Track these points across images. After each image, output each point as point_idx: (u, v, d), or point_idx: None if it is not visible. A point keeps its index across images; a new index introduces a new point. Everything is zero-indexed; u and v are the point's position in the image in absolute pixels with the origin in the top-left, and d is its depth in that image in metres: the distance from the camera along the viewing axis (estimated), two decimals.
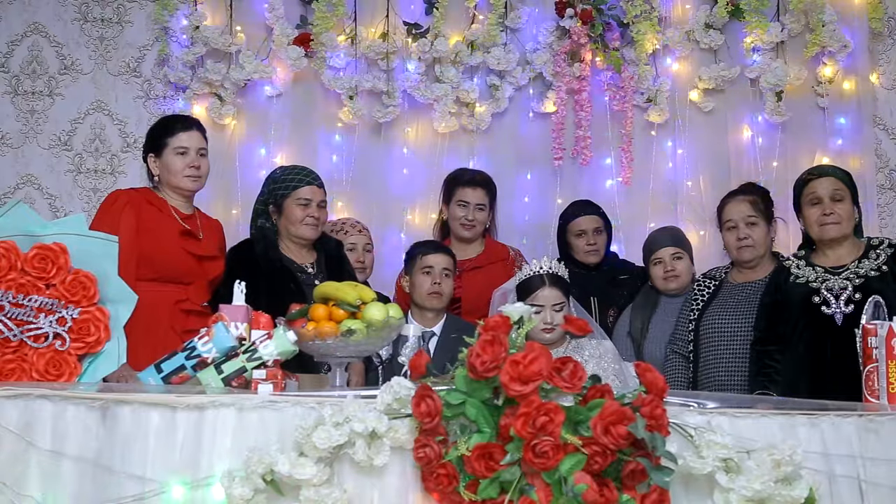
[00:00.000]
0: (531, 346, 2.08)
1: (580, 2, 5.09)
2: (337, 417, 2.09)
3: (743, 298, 3.87)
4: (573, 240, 4.39)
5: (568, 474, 1.98)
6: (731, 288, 3.94)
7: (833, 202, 3.57)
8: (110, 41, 5.22)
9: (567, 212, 4.50)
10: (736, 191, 4.09)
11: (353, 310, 2.80)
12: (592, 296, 4.25)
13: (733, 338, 3.82)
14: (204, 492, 2.11)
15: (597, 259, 4.39)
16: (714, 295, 3.95)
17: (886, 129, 5.27)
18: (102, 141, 5.19)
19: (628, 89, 5.10)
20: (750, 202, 3.95)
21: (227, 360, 2.59)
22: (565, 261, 4.24)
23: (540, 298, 3.55)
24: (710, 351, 3.86)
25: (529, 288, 3.60)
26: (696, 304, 3.96)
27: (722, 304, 3.91)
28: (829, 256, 3.58)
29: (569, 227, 4.41)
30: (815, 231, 3.60)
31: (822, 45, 5.07)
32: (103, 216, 3.49)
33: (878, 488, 2.22)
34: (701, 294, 3.98)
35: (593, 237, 4.38)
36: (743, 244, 3.90)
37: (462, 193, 4.44)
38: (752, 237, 3.89)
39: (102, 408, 2.19)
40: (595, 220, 4.41)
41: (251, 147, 5.16)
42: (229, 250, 3.84)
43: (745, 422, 2.23)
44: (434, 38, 5.08)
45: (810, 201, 3.61)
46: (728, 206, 3.97)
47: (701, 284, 4.02)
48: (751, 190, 4.08)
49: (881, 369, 2.64)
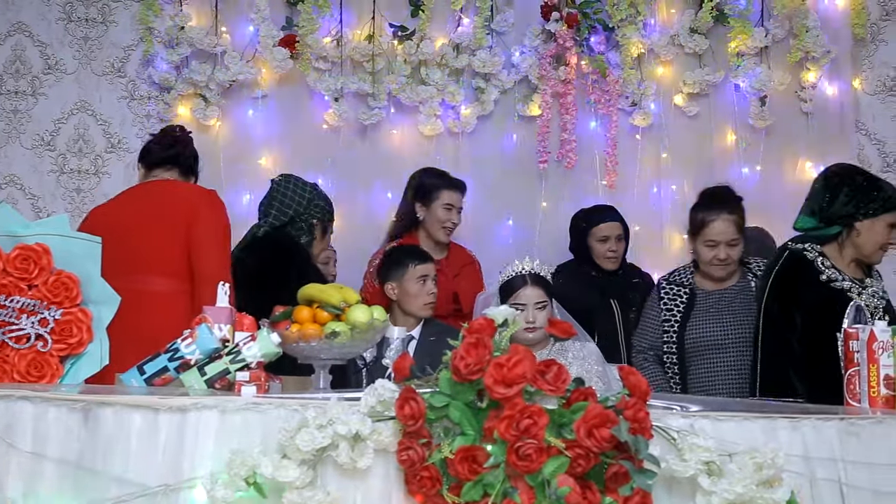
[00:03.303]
0: (515, 349, 2.08)
1: (566, 6, 5.11)
2: (320, 420, 2.08)
3: (723, 307, 3.89)
4: (595, 244, 4.41)
5: (551, 477, 1.99)
6: (705, 297, 3.93)
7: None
8: (94, 41, 5.21)
9: (591, 216, 4.50)
10: (721, 205, 3.90)
11: (338, 312, 2.79)
12: (613, 298, 4.31)
13: (724, 349, 3.84)
14: (186, 494, 2.11)
15: (615, 265, 4.43)
16: (690, 305, 3.92)
17: (869, 134, 5.31)
18: (86, 141, 5.18)
19: (613, 93, 5.12)
20: (735, 223, 3.86)
21: (210, 361, 2.57)
22: (582, 263, 4.28)
23: (522, 297, 3.57)
24: (703, 364, 3.86)
25: (512, 287, 3.61)
26: (671, 313, 3.94)
27: (703, 315, 3.89)
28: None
29: (592, 231, 4.42)
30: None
31: (806, 50, 5.11)
32: None
33: (858, 491, 2.23)
34: (674, 303, 3.94)
35: (615, 244, 4.41)
36: (722, 264, 3.88)
37: (448, 196, 4.45)
38: (731, 258, 3.87)
39: (84, 409, 2.18)
40: (618, 227, 4.44)
41: (236, 148, 5.14)
42: None
43: (727, 425, 2.23)
44: (420, 41, 5.09)
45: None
46: (713, 224, 3.84)
47: (669, 292, 3.97)
48: (735, 206, 3.93)
49: (862, 373, 2.65)
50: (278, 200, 4.13)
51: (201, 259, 3.53)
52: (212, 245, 3.58)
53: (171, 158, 3.77)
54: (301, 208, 4.10)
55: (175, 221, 3.58)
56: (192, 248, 3.54)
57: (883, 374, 2.61)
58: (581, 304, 4.24)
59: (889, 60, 5.35)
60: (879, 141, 5.30)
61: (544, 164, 5.10)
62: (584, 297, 4.30)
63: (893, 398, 2.60)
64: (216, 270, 3.40)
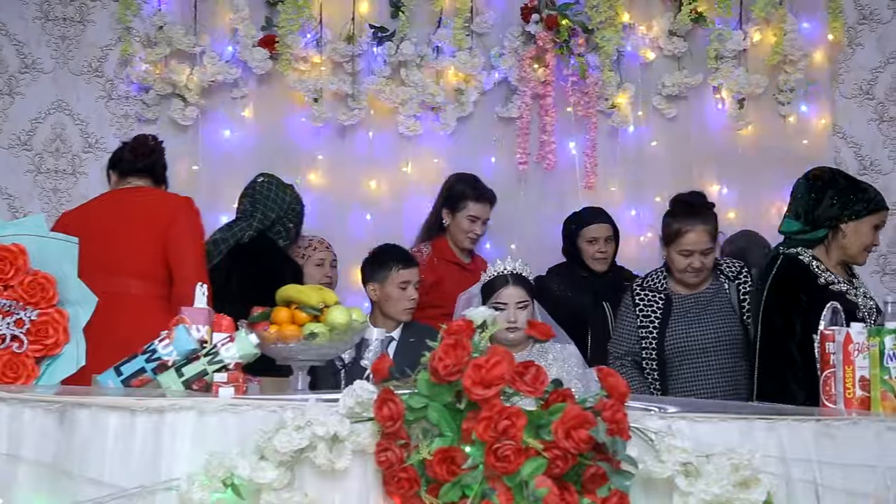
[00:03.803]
0: (494, 351, 2.09)
1: (545, 7, 5.11)
2: (298, 421, 2.08)
3: (700, 310, 3.91)
4: (584, 245, 4.44)
5: (529, 478, 1.99)
6: (680, 301, 3.94)
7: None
8: (72, 40, 5.18)
9: (580, 218, 4.53)
10: (695, 216, 3.89)
11: (316, 313, 2.79)
12: (605, 300, 4.33)
13: (704, 353, 3.86)
14: (163, 496, 2.10)
15: (605, 266, 4.45)
16: (667, 310, 3.93)
17: (845, 137, 5.34)
18: (63, 141, 5.15)
19: (592, 95, 5.13)
20: (709, 233, 3.88)
21: (188, 362, 2.56)
22: (574, 265, 4.39)
23: (503, 296, 3.57)
24: (684, 368, 3.88)
25: (493, 287, 3.61)
26: (647, 319, 3.94)
27: (682, 320, 3.91)
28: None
29: (581, 232, 4.45)
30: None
31: (784, 53, 5.13)
32: None
33: (833, 492, 2.25)
34: (650, 309, 3.95)
35: (605, 245, 4.43)
36: (696, 272, 3.89)
37: (474, 208, 4.52)
38: (705, 266, 3.89)
39: (60, 411, 2.17)
40: (607, 229, 4.47)
41: (215, 149, 5.13)
42: None
43: (704, 426, 2.24)
44: (400, 42, 5.09)
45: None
46: (688, 234, 3.84)
47: (644, 297, 3.97)
48: (709, 215, 3.95)
49: (838, 375, 2.67)
50: (262, 203, 4.15)
51: (181, 264, 3.62)
52: (190, 250, 3.68)
53: (146, 168, 3.85)
54: (282, 212, 4.16)
55: (153, 226, 3.65)
56: (171, 253, 3.63)
57: (858, 376, 2.63)
58: (574, 306, 4.28)
59: (865, 64, 5.38)
60: (856, 144, 5.34)
61: (524, 166, 5.11)
62: (577, 299, 4.35)
63: (868, 399, 2.62)
64: (195, 274, 3.48)
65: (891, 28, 5.39)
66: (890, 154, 5.33)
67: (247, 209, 4.21)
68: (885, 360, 2.59)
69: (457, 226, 4.53)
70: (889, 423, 2.37)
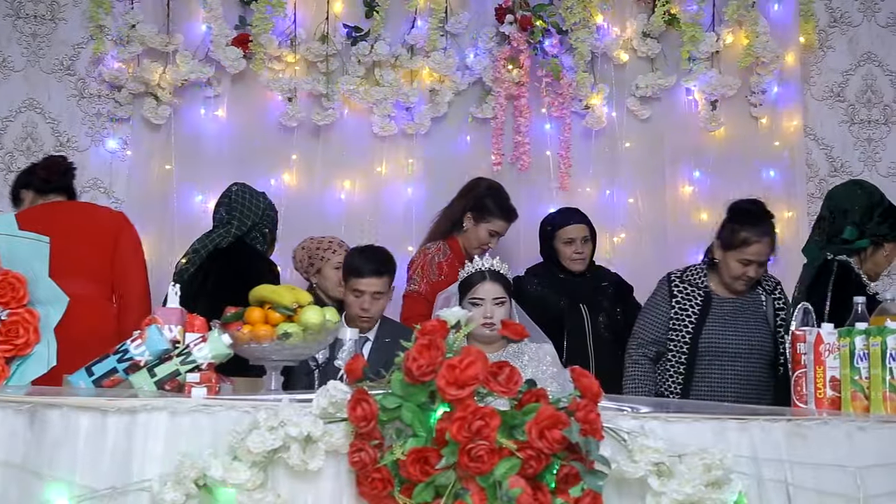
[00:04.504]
0: (467, 351, 2.09)
1: (520, 8, 5.12)
2: (271, 421, 2.07)
3: (738, 315, 3.92)
4: (561, 246, 4.43)
5: (502, 478, 1.99)
6: (720, 303, 3.93)
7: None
8: (43, 38, 5.14)
9: (556, 219, 4.52)
10: (763, 226, 3.89)
11: (290, 313, 2.78)
12: (582, 303, 4.32)
13: (736, 357, 3.87)
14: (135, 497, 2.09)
15: (582, 267, 4.43)
16: (706, 308, 3.91)
17: (817, 139, 5.39)
18: (34, 140, 5.11)
19: (567, 96, 5.14)
20: (771, 245, 3.90)
21: (160, 363, 2.55)
22: (551, 265, 4.40)
23: (480, 292, 3.56)
24: (713, 369, 3.87)
25: (470, 283, 3.60)
26: (685, 313, 3.92)
27: (720, 321, 3.90)
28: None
29: (557, 233, 4.44)
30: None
31: (756, 56, 5.17)
32: None
33: (804, 492, 2.26)
34: (689, 303, 3.93)
35: (581, 246, 4.42)
36: (748, 281, 3.91)
37: (498, 225, 4.51)
38: (758, 276, 3.92)
39: (30, 411, 2.15)
40: (583, 230, 4.45)
41: (188, 148, 5.10)
42: None
43: (677, 426, 2.25)
44: (374, 42, 5.08)
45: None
46: (755, 245, 3.83)
47: (683, 290, 3.96)
48: (771, 226, 3.94)
49: (809, 375, 2.69)
50: (239, 211, 4.18)
51: (129, 278, 3.89)
52: (136, 264, 3.95)
53: (62, 187, 4.09)
54: (258, 218, 4.21)
55: (102, 234, 3.88)
56: (118, 266, 3.87)
57: (829, 376, 2.66)
58: (551, 306, 4.28)
59: (836, 67, 5.43)
60: (827, 146, 5.38)
61: (498, 167, 5.11)
62: (554, 299, 4.34)
63: (839, 400, 2.64)
64: (144, 288, 3.92)
65: (861, 31, 5.45)
66: (860, 156, 5.38)
67: (223, 218, 4.21)
68: (855, 360, 2.62)
69: (475, 234, 4.50)
70: (859, 423, 2.39)
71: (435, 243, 4.46)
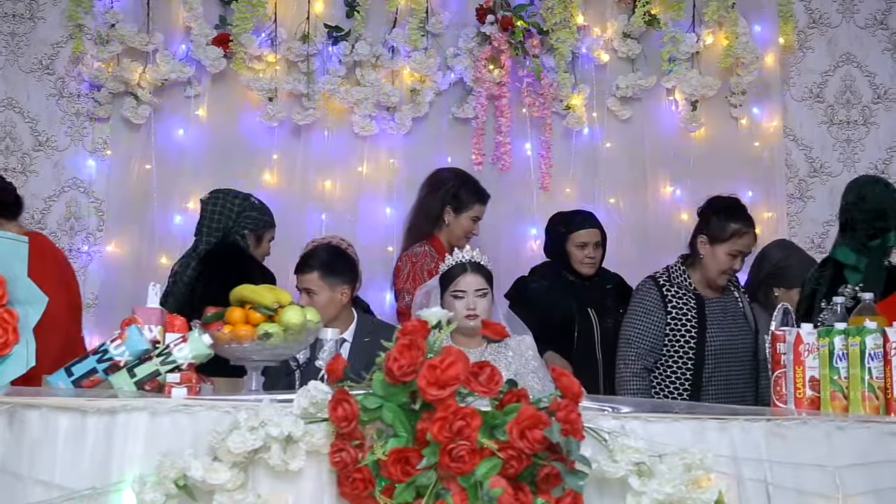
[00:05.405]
0: (448, 351, 2.09)
1: (501, 8, 5.13)
2: (252, 422, 2.07)
3: (727, 315, 3.95)
4: (573, 250, 4.38)
5: (484, 478, 2.00)
6: (711, 304, 3.94)
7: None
8: (22, 37, 5.11)
9: (571, 221, 4.47)
10: (748, 219, 3.96)
11: (271, 313, 2.77)
12: (590, 307, 4.30)
13: (738, 358, 3.90)
14: (114, 497, 2.08)
15: (592, 271, 4.40)
16: (701, 311, 3.90)
17: (796, 139, 5.41)
18: (13, 139, 5.07)
19: (547, 96, 5.15)
20: (755, 237, 3.96)
21: (140, 363, 2.54)
22: (560, 268, 4.37)
23: (462, 284, 3.54)
24: (719, 373, 3.87)
25: (451, 275, 3.57)
26: (685, 318, 3.90)
27: (716, 324, 3.91)
28: None
29: (570, 236, 4.38)
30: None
31: (736, 56, 5.19)
32: None
33: (784, 491, 2.28)
34: (685, 308, 3.91)
35: (593, 250, 4.38)
36: (732, 274, 3.95)
37: (478, 210, 4.51)
38: (739, 269, 3.97)
39: (10, 412, 2.14)
40: (596, 234, 4.42)
41: (168, 148, 5.08)
42: None
43: (657, 426, 2.26)
44: (355, 42, 5.07)
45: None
46: (746, 236, 3.89)
47: (676, 295, 3.94)
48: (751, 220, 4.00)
49: (789, 375, 2.70)
50: (205, 223, 4.15)
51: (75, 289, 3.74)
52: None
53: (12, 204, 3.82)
54: (231, 222, 4.11)
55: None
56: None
57: (808, 376, 2.67)
58: (561, 309, 4.25)
59: (815, 68, 5.46)
60: (806, 147, 5.41)
61: (479, 167, 5.11)
62: (565, 303, 4.30)
63: (818, 399, 2.66)
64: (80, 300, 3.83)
65: (840, 32, 5.47)
66: (839, 157, 5.41)
67: (196, 231, 4.19)
68: (834, 360, 2.63)
69: (458, 225, 4.48)
70: (838, 423, 2.41)
71: (420, 246, 4.41)
